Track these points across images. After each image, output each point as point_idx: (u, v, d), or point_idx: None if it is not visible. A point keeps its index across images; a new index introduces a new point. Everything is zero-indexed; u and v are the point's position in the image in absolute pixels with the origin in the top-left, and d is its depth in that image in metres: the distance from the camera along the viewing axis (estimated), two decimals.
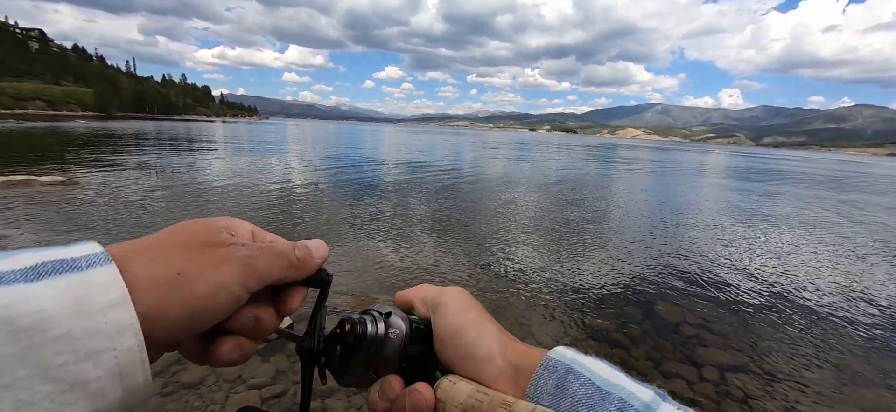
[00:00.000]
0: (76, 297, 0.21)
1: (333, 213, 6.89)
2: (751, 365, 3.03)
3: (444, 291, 0.36)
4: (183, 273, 0.26)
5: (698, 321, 3.68)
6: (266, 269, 0.29)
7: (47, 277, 0.21)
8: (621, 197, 10.82)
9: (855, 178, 24.11)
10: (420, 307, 0.36)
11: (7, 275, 0.20)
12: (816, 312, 4.04)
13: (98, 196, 7.11)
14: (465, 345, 0.32)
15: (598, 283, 4.41)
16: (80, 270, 0.22)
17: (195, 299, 0.25)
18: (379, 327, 0.32)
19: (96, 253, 0.23)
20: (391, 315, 0.34)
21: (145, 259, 0.25)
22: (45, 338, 0.19)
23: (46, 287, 0.20)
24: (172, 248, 0.27)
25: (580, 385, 0.27)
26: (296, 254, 0.31)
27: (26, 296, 0.19)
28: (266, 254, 0.30)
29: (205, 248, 0.28)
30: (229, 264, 0.28)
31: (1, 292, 0.19)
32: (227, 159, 14.59)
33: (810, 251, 6.34)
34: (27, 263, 0.21)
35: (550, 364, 0.29)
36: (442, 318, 0.34)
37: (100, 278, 0.22)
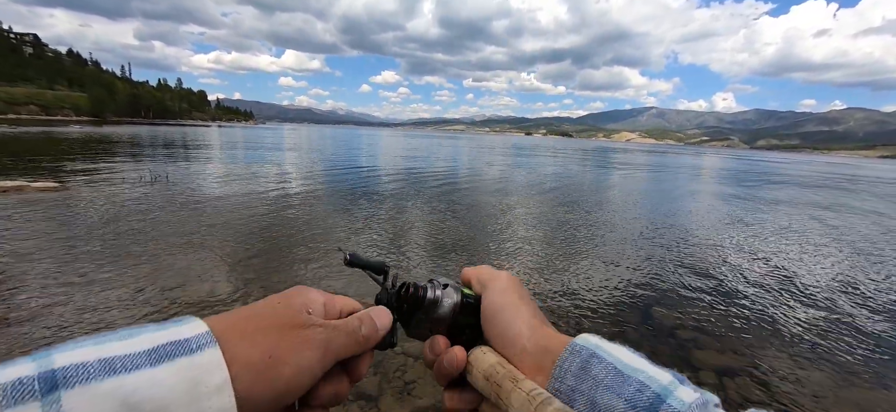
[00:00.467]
0: (189, 381, 0.23)
1: (332, 218, 6.86)
2: (748, 367, 3.04)
3: (496, 274, 0.40)
4: (273, 356, 0.28)
5: (695, 324, 3.68)
6: (340, 350, 0.32)
7: (167, 361, 0.23)
8: (617, 201, 10.86)
9: (853, 182, 24.32)
10: (476, 284, 0.41)
11: (135, 359, 0.22)
12: (812, 314, 4.06)
13: (91, 202, 7.04)
14: (501, 323, 0.36)
15: (595, 288, 4.41)
16: (191, 353, 0.24)
17: (282, 382, 0.28)
18: (437, 293, 0.38)
19: (204, 333, 0.26)
20: (448, 286, 0.39)
21: (242, 339, 0.28)
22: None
23: (167, 372, 0.23)
24: (263, 329, 0.29)
25: (602, 368, 0.29)
26: (362, 333, 0.34)
27: (153, 381, 0.22)
28: (340, 336, 0.33)
29: (290, 330, 0.30)
30: (311, 348, 0.30)
31: (131, 377, 0.22)
32: (224, 164, 14.52)
33: (805, 254, 6.38)
34: (149, 345, 0.24)
35: (576, 348, 0.31)
36: (488, 297, 0.38)
37: (208, 361, 0.25)
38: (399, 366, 2.71)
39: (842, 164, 68.25)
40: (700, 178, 20.17)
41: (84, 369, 0.21)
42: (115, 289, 3.68)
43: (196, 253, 4.75)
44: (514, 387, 0.31)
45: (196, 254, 4.72)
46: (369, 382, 2.54)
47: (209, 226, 5.94)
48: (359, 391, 2.46)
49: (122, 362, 0.22)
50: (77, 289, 3.66)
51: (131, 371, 0.22)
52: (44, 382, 0.20)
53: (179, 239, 5.21)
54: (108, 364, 0.22)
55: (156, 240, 5.13)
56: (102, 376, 0.21)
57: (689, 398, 0.26)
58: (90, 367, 0.21)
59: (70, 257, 4.37)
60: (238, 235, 5.54)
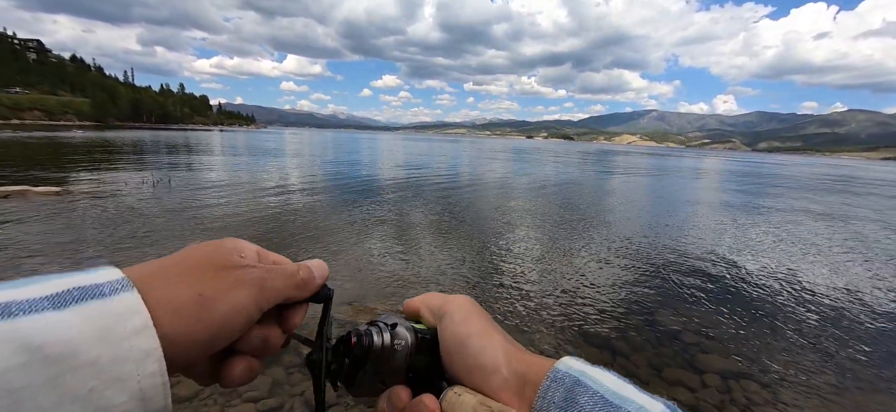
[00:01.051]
0: (102, 325, 0.21)
1: (333, 222, 6.85)
2: (753, 370, 3.00)
3: (450, 299, 0.36)
4: (203, 295, 0.26)
5: (699, 327, 3.65)
6: (276, 290, 0.30)
7: (74, 304, 0.21)
8: (618, 203, 10.83)
9: (855, 184, 24.23)
10: (427, 315, 0.36)
11: (36, 303, 0.20)
12: (818, 316, 4.03)
13: (93, 207, 7.05)
14: (471, 355, 0.32)
15: (599, 291, 4.39)
16: (104, 297, 0.22)
17: (216, 321, 0.26)
18: (385, 338, 0.32)
19: (119, 278, 0.24)
20: (397, 325, 0.34)
21: (166, 282, 0.26)
22: (73, 364, 0.20)
23: (74, 314, 0.21)
24: (191, 271, 0.27)
25: (588, 398, 0.27)
26: (300, 275, 0.32)
27: (56, 323, 0.20)
28: (275, 276, 0.31)
29: (221, 270, 0.28)
30: (245, 286, 0.28)
31: (32, 320, 0.20)
32: (225, 168, 14.56)
33: (811, 258, 6.35)
34: (54, 290, 0.22)
35: (558, 376, 0.29)
36: (448, 328, 0.34)
37: (124, 305, 0.23)
38: None
39: (844, 166, 68.02)
40: (702, 181, 20.12)
41: None
42: None
43: None
44: None
45: None
46: None
47: (211, 230, 5.94)
48: None
49: (21, 306, 0.20)
50: None
51: (30, 313, 0.20)
52: None
53: (181, 243, 5.20)
54: (4, 307, 0.20)
55: (157, 244, 5.13)
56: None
57: None
58: None
59: (71, 262, 4.37)
60: (239, 237, 5.52)
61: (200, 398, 2.36)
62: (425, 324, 0.36)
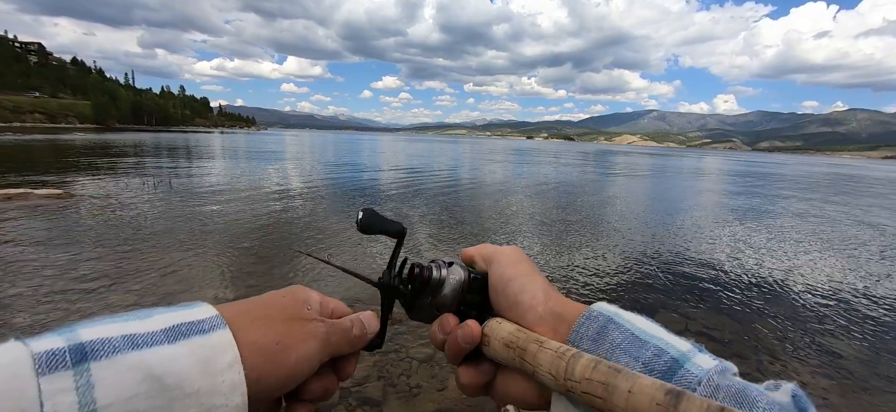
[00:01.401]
0: (204, 358, 0.25)
1: (334, 223, 6.86)
2: (755, 372, 3.00)
3: (502, 249, 0.40)
4: (281, 343, 0.30)
5: (700, 329, 3.65)
6: (336, 346, 0.35)
7: (183, 339, 0.25)
8: (619, 205, 10.82)
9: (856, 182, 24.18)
10: (480, 262, 0.41)
11: (155, 336, 0.24)
12: (820, 317, 4.02)
13: (94, 209, 7.07)
14: (513, 293, 0.36)
15: (599, 291, 4.39)
16: (204, 333, 0.26)
17: (288, 367, 0.30)
18: (442, 273, 0.38)
19: (215, 316, 0.28)
20: (453, 264, 0.39)
21: (250, 325, 0.29)
22: (182, 393, 0.24)
23: (183, 348, 0.25)
24: (270, 318, 0.31)
25: (619, 333, 0.29)
26: (354, 332, 0.36)
27: (171, 356, 0.24)
28: (336, 332, 0.35)
29: (295, 321, 0.32)
30: (314, 340, 0.32)
31: (154, 352, 0.24)
32: (226, 170, 14.58)
33: (816, 256, 6.34)
34: (166, 324, 0.26)
35: (592, 314, 0.32)
36: (496, 270, 0.38)
37: (219, 341, 0.26)
38: (403, 371, 2.69)
39: (844, 166, 67.89)
40: (701, 182, 20.10)
41: (110, 343, 0.23)
42: (118, 296, 3.68)
43: (199, 258, 4.76)
44: (540, 348, 0.31)
45: (199, 259, 4.73)
46: (374, 387, 2.52)
47: (212, 231, 5.95)
48: (364, 396, 2.44)
49: (144, 339, 0.24)
50: (79, 296, 3.66)
51: (152, 346, 0.24)
52: (74, 353, 0.21)
53: (182, 245, 5.22)
54: (131, 340, 0.23)
55: (159, 246, 5.14)
56: (127, 350, 0.23)
57: (707, 364, 0.26)
58: (115, 341, 0.23)
59: (72, 265, 4.38)
60: (240, 241, 5.54)
61: None
62: (478, 269, 0.41)
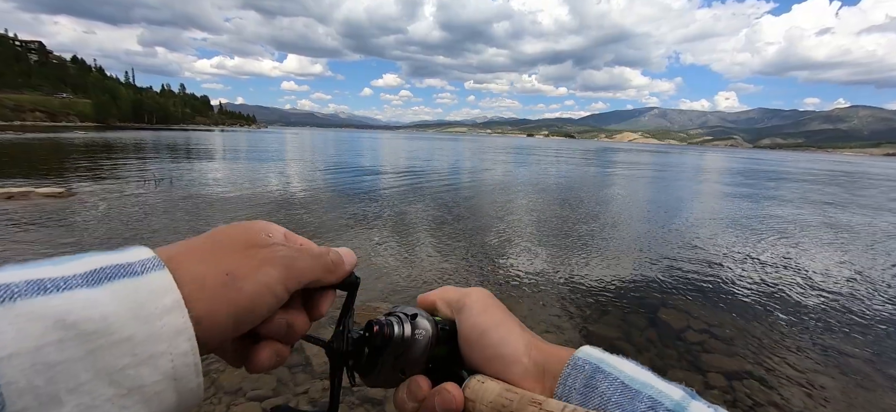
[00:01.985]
0: (135, 302, 0.21)
1: (339, 222, 6.86)
2: (757, 370, 3.00)
3: (468, 292, 0.36)
4: (231, 273, 0.26)
5: (702, 327, 3.65)
6: (304, 271, 0.30)
7: (107, 282, 0.21)
8: (621, 203, 10.81)
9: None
10: (443, 308, 0.37)
11: (70, 280, 0.20)
12: (823, 316, 4.02)
13: (95, 207, 7.08)
14: (492, 345, 0.33)
15: (601, 290, 4.38)
16: (137, 275, 0.22)
17: (243, 300, 0.26)
18: (405, 328, 0.33)
19: (150, 257, 0.24)
20: (417, 316, 0.34)
21: (194, 261, 0.26)
22: (108, 341, 0.20)
23: (107, 292, 0.21)
24: (218, 250, 0.27)
25: (609, 384, 0.27)
26: (329, 257, 0.32)
27: (90, 301, 0.20)
28: (304, 256, 0.30)
29: (249, 249, 0.28)
30: (272, 265, 0.28)
31: (66, 296, 0.20)
32: (226, 168, 14.58)
33: (817, 257, 6.33)
34: (87, 268, 0.22)
35: (578, 363, 0.29)
36: (467, 319, 0.34)
37: (156, 283, 0.23)
38: None
39: (846, 163, 67.74)
40: (704, 179, 20.07)
41: (6, 289, 0.19)
42: None
43: None
44: (540, 410, 0.28)
45: None
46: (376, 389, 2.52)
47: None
48: (364, 395, 2.44)
49: (54, 283, 0.20)
50: None
51: (64, 291, 0.20)
52: None
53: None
54: (37, 285, 0.20)
55: (159, 244, 5.12)
56: (30, 295, 0.19)
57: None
58: (14, 287, 0.19)
59: None
60: None
61: (206, 396, 2.37)
62: (441, 317, 0.36)
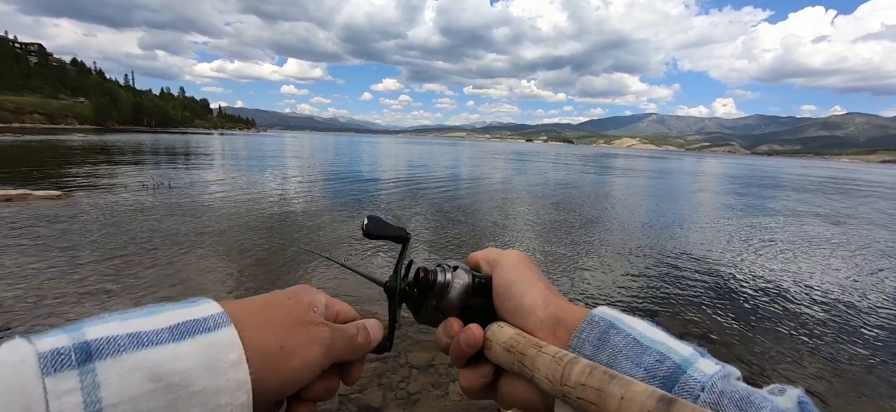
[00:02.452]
0: (209, 357, 0.25)
1: (332, 224, 6.84)
2: (758, 377, 2.99)
3: (505, 253, 0.41)
4: (284, 347, 0.30)
5: (701, 332, 3.64)
6: (339, 352, 0.34)
7: (189, 337, 0.25)
8: (618, 205, 10.82)
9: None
10: (484, 266, 0.41)
11: (160, 334, 0.24)
12: (823, 321, 4.01)
13: (93, 210, 7.05)
14: (514, 297, 0.37)
15: (598, 294, 4.38)
16: (209, 331, 0.26)
17: (289, 372, 0.30)
18: (447, 276, 0.38)
19: (220, 313, 0.27)
20: (458, 268, 0.39)
21: (254, 327, 0.29)
22: (187, 393, 0.23)
23: (188, 346, 0.24)
24: (274, 320, 0.31)
25: (621, 338, 0.29)
26: (358, 340, 0.36)
27: (176, 355, 0.24)
28: (341, 338, 0.34)
29: (299, 325, 0.32)
30: (317, 345, 0.32)
31: (158, 351, 0.23)
32: (223, 172, 14.56)
33: (814, 260, 6.33)
34: (171, 322, 0.25)
35: (594, 319, 0.32)
36: (500, 274, 0.39)
37: (224, 339, 0.26)
38: (403, 378, 2.68)
39: (842, 169, 67.99)
40: (702, 185, 20.12)
41: (115, 342, 0.22)
42: (119, 298, 3.67)
43: (198, 260, 4.74)
44: (538, 353, 0.32)
45: (198, 261, 4.71)
46: (374, 395, 2.51)
47: (211, 233, 5.93)
48: (363, 403, 2.43)
49: (148, 337, 0.23)
50: (79, 298, 3.64)
51: (157, 345, 0.23)
52: (79, 352, 0.21)
53: (181, 247, 5.20)
54: (136, 338, 0.23)
55: (158, 248, 5.11)
56: (132, 349, 0.22)
57: (710, 369, 0.26)
58: (120, 340, 0.22)
59: (71, 267, 4.36)
60: (240, 242, 5.52)
61: None
62: (483, 274, 0.41)
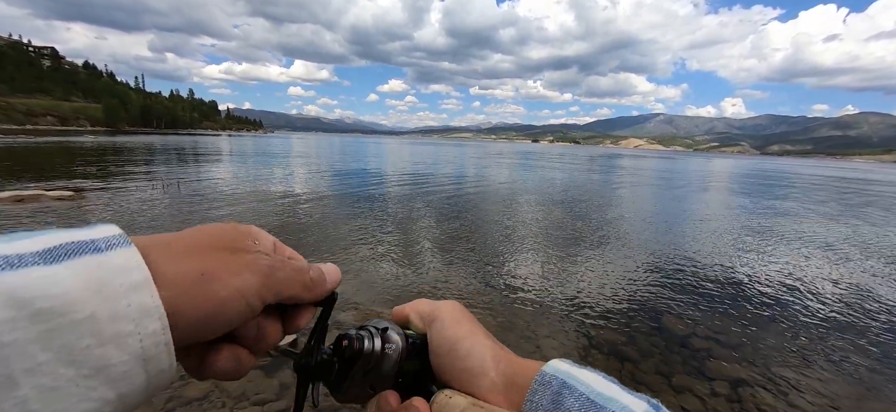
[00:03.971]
0: (98, 279, 0.20)
1: (336, 226, 6.89)
2: (764, 378, 2.96)
3: (440, 305, 0.36)
4: (205, 274, 0.24)
5: (707, 334, 3.61)
6: (283, 284, 0.28)
7: (66, 259, 0.20)
8: (625, 208, 10.75)
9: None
10: (416, 321, 0.36)
11: (24, 258, 0.19)
12: (830, 323, 3.96)
13: (105, 210, 7.17)
14: (459, 358, 0.32)
15: (604, 296, 4.36)
16: (100, 252, 0.21)
17: (213, 303, 0.24)
18: (376, 343, 0.32)
19: (116, 234, 0.22)
20: (388, 330, 0.33)
21: (167, 254, 0.24)
22: (67, 321, 0.19)
23: (66, 269, 0.19)
24: (197, 247, 0.26)
25: (574, 400, 0.27)
26: (310, 275, 0.30)
27: (46, 278, 0.19)
28: (286, 269, 0.29)
29: (229, 252, 0.27)
30: (251, 272, 0.26)
31: (19, 274, 0.18)
32: (232, 172, 14.73)
33: (824, 262, 6.24)
34: (45, 245, 0.20)
35: (545, 378, 0.29)
36: (437, 332, 0.34)
37: (121, 260, 0.21)
38: None
39: (857, 170, 66.81)
40: (711, 185, 19.90)
41: None
42: None
43: None
44: None
45: None
46: None
47: None
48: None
49: (8, 260, 0.18)
50: None
51: (18, 268, 0.18)
52: None
53: None
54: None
55: None
56: None
57: None
58: None
59: None
60: None
61: (210, 399, 2.38)
62: (414, 330, 0.36)
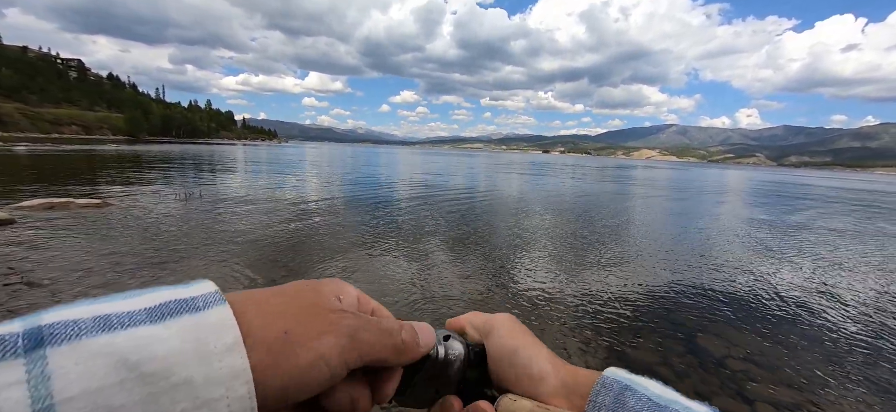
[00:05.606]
0: (196, 339, 0.20)
1: (358, 234, 6.91)
2: (809, 403, 2.83)
3: (495, 317, 0.38)
4: (289, 333, 0.24)
5: (744, 354, 3.48)
6: (369, 347, 0.27)
7: (170, 318, 0.21)
8: (647, 221, 10.57)
9: None
10: (471, 332, 0.37)
11: (134, 316, 0.20)
12: (880, 344, 3.79)
13: (131, 218, 7.34)
14: (521, 365, 0.33)
15: (634, 313, 4.26)
16: (198, 311, 0.22)
17: (296, 366, 0.23)
18: (439, 350, 0.33)
19: (212, 292, 0.23)
20: (450, 338, 0.34)
21: (256, 310, 0.24)
22: (167, 384, 0.19)
23: (167, 328, 0.20)
24: (282, 306, 0.25)
25: (636, 400, 0.28)
26: (401, 336, 0.29)
27: (152, 338, 0.19)
28: (372, 330, 0.27)
29: (314, 310, 0.26)
30: (334, 334, 0.25)
31: (129, 334, 0.19)
32: (250, 181, 14.98)
33: (869, 279, 6.01)
34: (149, 304, 0.21)
35: (607, 382, 0.30)
36: (496, 341, 0.35)
37: (216, 318, 0.22)
38: None
39: (881, 182, 64.66)
40: (731, 198, 19.46)
41: (75, 326, 0.18)
42: None
43: (231, 268, 4.86)
44: None
45: (231, 269, 4.83)
46: None
47: (242, 242, 6.08)
48: None
49: (119, 319, 0.19)
50: None
51: (128, 328, 0.19)
52: (29, 339, 0.18)
53: (215, 254, 5.34)
54: (103, 321, 0.19)
55: (192, 256, 5.27)
56: (95, 333, 0.18)
57: None
58: (82, 324, 0.19)
59: (114, 274, 4.53)
60: (270, 250, 5.64)
61: None
62: (470, 340, 0.37)
